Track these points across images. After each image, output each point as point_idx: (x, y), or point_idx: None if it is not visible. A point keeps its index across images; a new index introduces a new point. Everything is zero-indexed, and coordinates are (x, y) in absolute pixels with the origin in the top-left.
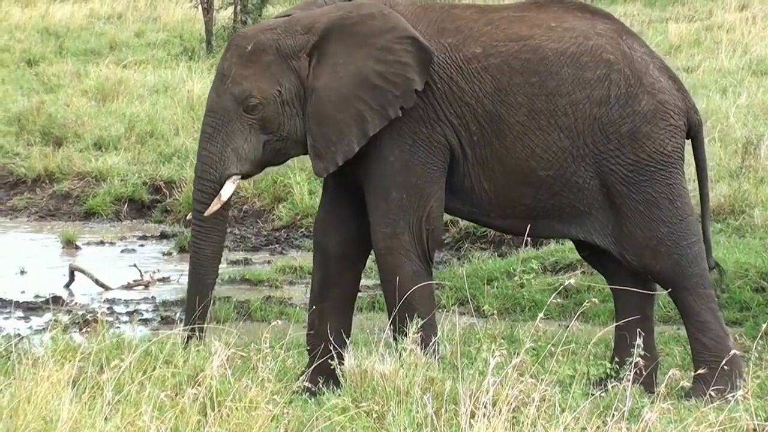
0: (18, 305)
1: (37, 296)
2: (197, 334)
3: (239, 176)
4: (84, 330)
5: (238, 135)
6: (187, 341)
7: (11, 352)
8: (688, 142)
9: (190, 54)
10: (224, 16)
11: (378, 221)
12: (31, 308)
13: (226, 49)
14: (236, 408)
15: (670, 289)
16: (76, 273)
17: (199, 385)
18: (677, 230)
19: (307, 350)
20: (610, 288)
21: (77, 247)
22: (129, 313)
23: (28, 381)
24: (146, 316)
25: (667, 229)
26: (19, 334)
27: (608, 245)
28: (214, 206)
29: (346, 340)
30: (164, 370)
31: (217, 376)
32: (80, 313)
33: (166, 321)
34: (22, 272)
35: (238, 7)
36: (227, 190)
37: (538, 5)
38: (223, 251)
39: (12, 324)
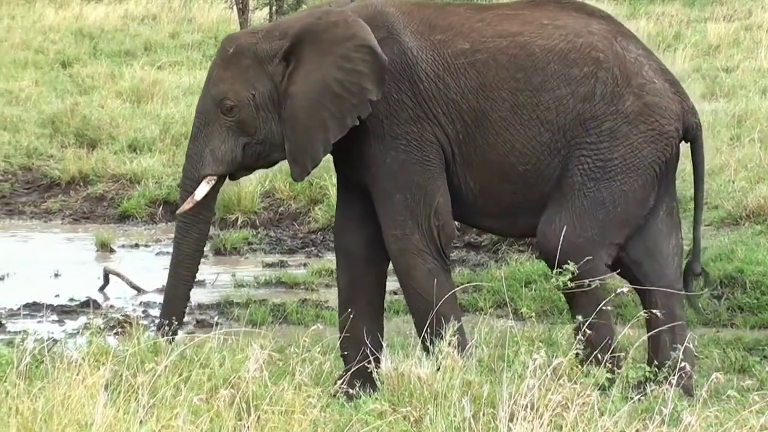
0: (52, 308)
1: (71, 299)
2: (168, 328)
3: (214, 177)
4: (118, 333)
5: (216, 136)
6: (158, 330)
7: (46, 355)
8: (687, 145)
9: None
10: (259, 16)
11: (387, 224)
12: (65, 311)
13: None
14: (273, 412)
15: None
16: (110, 276)
17: (234, 388)
18: (606, 234)
19: (342, 355)
20: (634, 288)
21: (112, 250)
22: None
23: (63, 385)
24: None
25: (599, 231)
26: (53, 338)
27: (539, 225)
28: (187, 205)
29: (381, 342)
30: (200, 373)
31: (254, 380)
32: (115, 316)
33: (201, 324)
34: (57, 275)
35: (274, 8)
36: (201, 190)
37: (535, 4)
38: (202, 249)
39: (46, 327)
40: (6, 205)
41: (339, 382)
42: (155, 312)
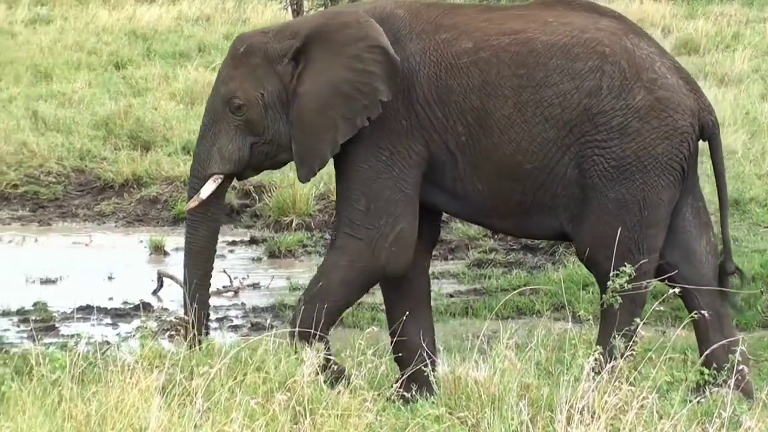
0: (106, 312)
1: (125, 302)
2: (192, 330)
3: (221, 176)
4: (172, 336)
5: (223, 135)
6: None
7: (99, 359)
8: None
9: None
10: None
11: (342, 222)
12: (119, 315)
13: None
14: (328, 416)
15: (605, 290)
16: (164, 279)
17: (290, 391)
18: (637, 239)
19: (395, 359)
20: (682, 288)
21: (165, 253)
22: (218, 320)
23: (117, 388)
24: (236, 322)
25: (628, 234)
26: (107, 341)
27: (572, 235)
28: (192, 203)
29: (434, 342)
30: (255, 376)
31: (309, 383)
32: (169, 319)
33: (256, 327)
34: (110, 278)
35: (328, 8)
36: (206, 189)
37: (545, 4)
38: (214, 247)
39: (100, 331)
40: (59, 207)
41: (395, 385)
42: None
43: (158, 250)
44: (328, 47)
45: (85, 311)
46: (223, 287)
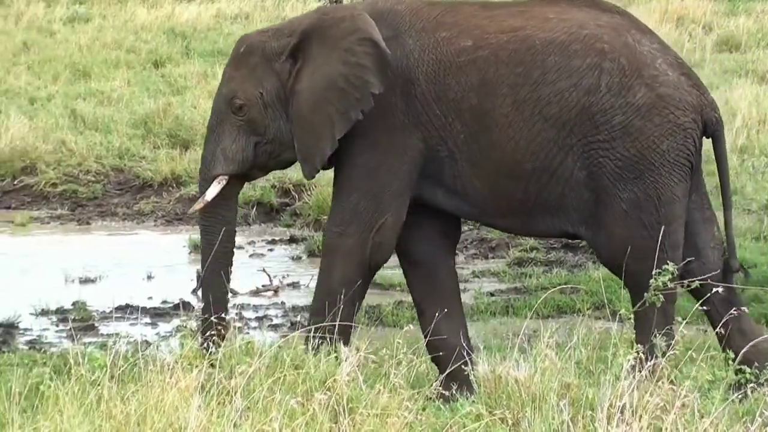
0: (145, 311)
1: (164, 302)
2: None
3: (225, 176)
4: (212, 335)
5: (227, 135)
6: (203, 334)
7: (139, 358)
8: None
9: None
10: None
11: (332, 217)
12: (158, 314)
13: None
14: (368, 415)
15: (633, 292)
16: None
17: (329, 391)
18: (657, 236)
19: (432, 360)
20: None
21: None
22: (258, 319)
23: (156, 388)
24: (275, 321)
25: (647, 233)
26: (146, 341)
27: (590, 240)
28: (198, 205)
29: (469, 339)
30: (294, 375)
31: (348, 382)
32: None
33: (296, 326)
34: (149, 277)
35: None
36: (212, 191)
37: (548, 0)
38: (232, 250)
39: (139, 330)
40: (98, 206)
41: (435, 384)
42: (249, 314)
43: (197, 249)
44: (324, 43)
45: (125, 310)
46: (263, 286)
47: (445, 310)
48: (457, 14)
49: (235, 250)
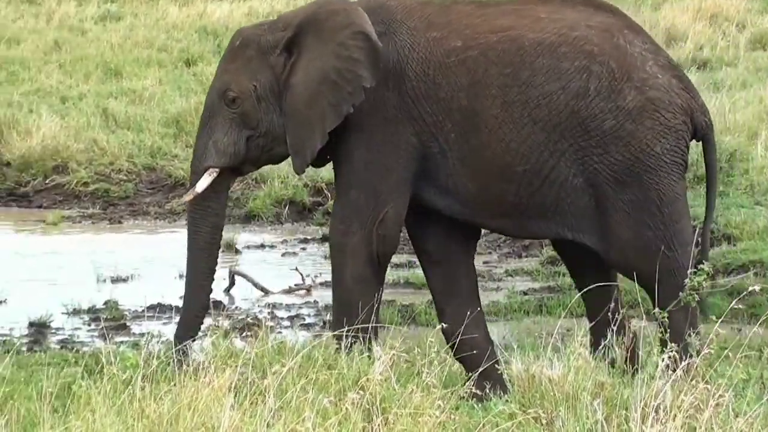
0: (177, 310)
1: None
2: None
3: (216, 169)
4: (245, 335)
5: (219, 128)
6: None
7: (172, 357)
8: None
9: None
10: None
11: (335, 216)
12: None
13: None
14: (401, 414)
15: (651, 293)
16: (236, 277)
17: (362, 390)
18: (664, 236)
19: (457, 359)
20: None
21: (237, 251)
22: (290, 318)
23: (189, 387)
24: (308, 320)
25: (653, 233)
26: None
27: (596, 245)
28: (188, 197)
29: (488, 332)
30: (327, 375)
31: (381, 382)
32: (241, 317)
33: (329, 325)
34: (181, 276)
35: None
36: (202, 183)
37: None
38: (218, 242)
39: (171, 329)
40: (130, 205)
41: (467, 383)
42: (282, 313)
43: (229, 248)
44: (318, 36)
45: (157, 309)
46: (296, 285)
47: (465, 308)
48: (449, 14)
49: (275, 249)
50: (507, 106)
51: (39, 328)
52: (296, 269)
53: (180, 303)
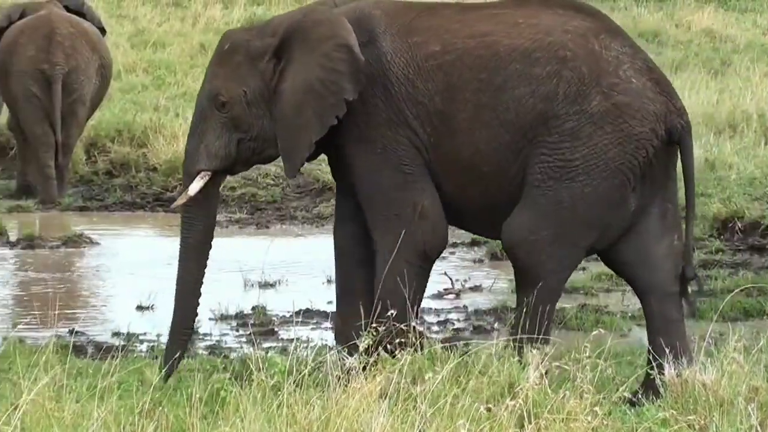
0: (326, 315)
1: None
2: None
3: (208, 172)
4: (395, 340)
5: (210, 131)
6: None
7: (322, 363)
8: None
9: None
10: None
11: (372, 223)
12: None
13: None
14: (554, 420)
15: (520, 284)
16: None
17: (515, 396)
18: (561, 236)
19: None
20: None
21: None
22: (440, 323)
23: (340, 393)
24: (458, 325)
25: (553, 231)
26: (328, 345)
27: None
28: (181, 200)
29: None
30: (479, 381)
31: (534, 387)
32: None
33: (479, 330)
34: (329, 281)
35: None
36: (194, 186)
37: (521, 2)
38: (210, 243)
39: (319, 335)
40: (277, 210)
41: (622, 388)
42: (431, 318)
43: None
44: (304, 45)
45: (305, 315)
46: (445, 290)
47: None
48: (432, 18)
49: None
50: (478, 110)
51: None
52: (445, 273)
53: (328, 308)
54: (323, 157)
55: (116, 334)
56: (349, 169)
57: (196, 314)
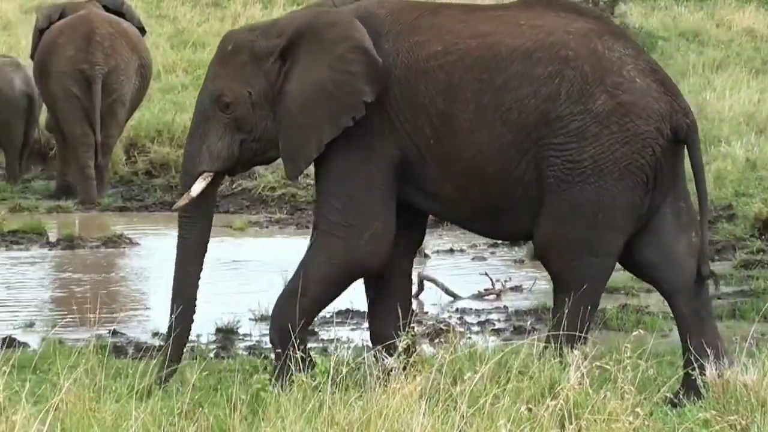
0: (366, 316)
1: None
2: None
3: (211, 173)
4: (435, 341)
5: (212, 132)
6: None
7: (362, 363)
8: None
9: None
10: None
11: (320, 219)
12: None
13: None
14: (595, 421)
15: (556, 289)
16: (425, 282)
17: (556, 397)
18: (589, 241)
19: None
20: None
21: (426, 256)
22: (480, 323)
23: (379, 394)
24: (498, 326)
25: (579, 236)
26: (367, 345)
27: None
28: (182, 201)
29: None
30: (519, 381)
31: (575, 388)
32: (430, 323)
33: (519, 331)
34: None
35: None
36: (196, 187)
37: (525, 4)
38: (207, 243)
39: (360, 335)
40: None
41: (663, 389)
42: (471, 318)
43: (419, 252)
44: (314, 47)
45: (345, 315)
46: (485, 290)
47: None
48: (435, 18)
49: (464, 253)
50: (480, 111)
51: (226, 335)
52: (486, 274)
53: (367, 308)
54: None
55: (156, 334)
56: (323, 166)
57: (194, 314)
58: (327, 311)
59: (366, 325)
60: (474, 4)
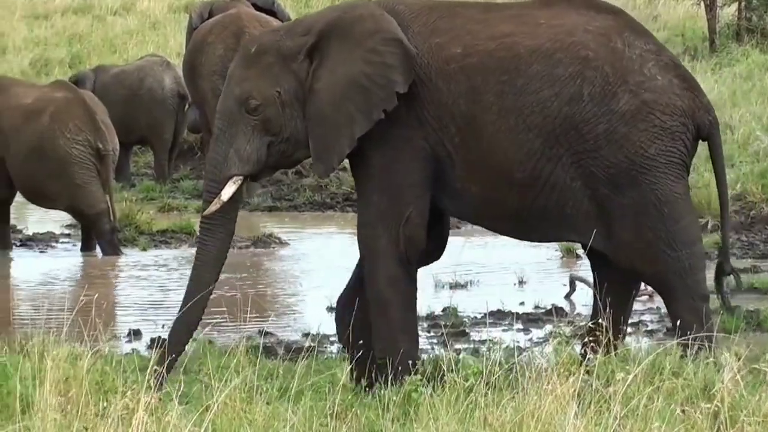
0: (518, 317)
1: (536, 307)
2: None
3: (240, 177)
4: (586, 341)
5: (240, 136)
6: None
7: (514, 364)
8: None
9: (692, 53)
10: (728, 13)
11: (360, 222)
12: (531, 320)
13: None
14: (751, 422)
15: (662, 296)
16: (576, 283)
17: (711, 399)
18: (665, 236)
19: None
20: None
21: (577, 256)
22: (633, 325)
23: (532, 395)
24: (650, 327)
25: (654, 234)
26: (519, 347)
27: (603, 247)
28: (213, 206)
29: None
30: (673, 382)
31: (729, 390)
32: (582, 324)
33: (672, 332)
34: (521, 282)
35: (742, 4)
36: (227, 191)
37: (546, 2)
38: (227, 249)
39: (512, 336)
40: None
41: None
42: None
43: (570, 253)
44: (344, 42)
45: (497, 316)
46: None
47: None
48: (454, 18)
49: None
50: (503, 114)
51: None
52: None
53: (520, 309)
54: None
55: (306, 334)
56: (355, 164)
57: (200, 319)
58: (478, 312)
59: (518, 325)
60: (490, 3)
